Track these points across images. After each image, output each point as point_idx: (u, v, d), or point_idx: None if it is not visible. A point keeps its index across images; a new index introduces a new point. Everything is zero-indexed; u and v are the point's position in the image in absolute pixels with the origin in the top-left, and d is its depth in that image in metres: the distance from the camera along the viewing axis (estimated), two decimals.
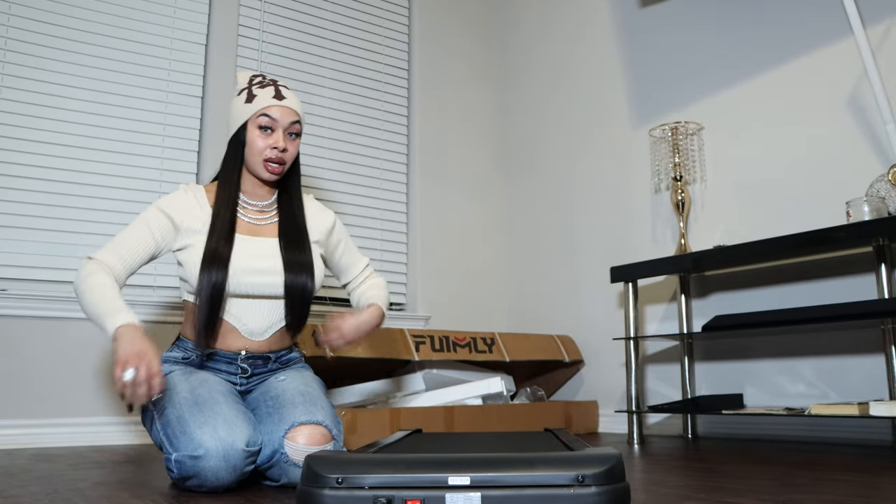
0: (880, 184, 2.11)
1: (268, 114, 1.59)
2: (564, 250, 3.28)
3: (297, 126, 1.63)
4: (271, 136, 1.60)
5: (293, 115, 1.62)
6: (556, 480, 0.93)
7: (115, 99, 2.69)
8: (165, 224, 1.57)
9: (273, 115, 1.59)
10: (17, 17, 2.55)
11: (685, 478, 1.48)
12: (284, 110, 1.61)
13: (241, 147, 1.62)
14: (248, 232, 1.63)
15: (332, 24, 3.26)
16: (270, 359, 1.64)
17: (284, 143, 1.60)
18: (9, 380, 2.37)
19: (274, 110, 1.59)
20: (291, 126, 1.62)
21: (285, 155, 1.61)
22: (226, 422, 1.35)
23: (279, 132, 1.60)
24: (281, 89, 1.63)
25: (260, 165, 1.60)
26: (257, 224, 1.66)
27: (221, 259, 1.53)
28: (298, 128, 1.63)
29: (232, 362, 1.59)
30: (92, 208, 2.60)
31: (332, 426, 1.46)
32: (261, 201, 1.68)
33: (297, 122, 1.62)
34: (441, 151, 3.49)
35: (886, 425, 2.21)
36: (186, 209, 1.60)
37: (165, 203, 1.59)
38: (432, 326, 3.28)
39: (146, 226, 1.56)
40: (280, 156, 1.60)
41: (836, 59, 2.39)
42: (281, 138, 1.60)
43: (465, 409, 2.49)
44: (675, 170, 2.64)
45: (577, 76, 3.32)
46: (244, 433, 1.35)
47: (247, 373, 1.61)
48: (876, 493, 1.24)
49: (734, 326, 2.18)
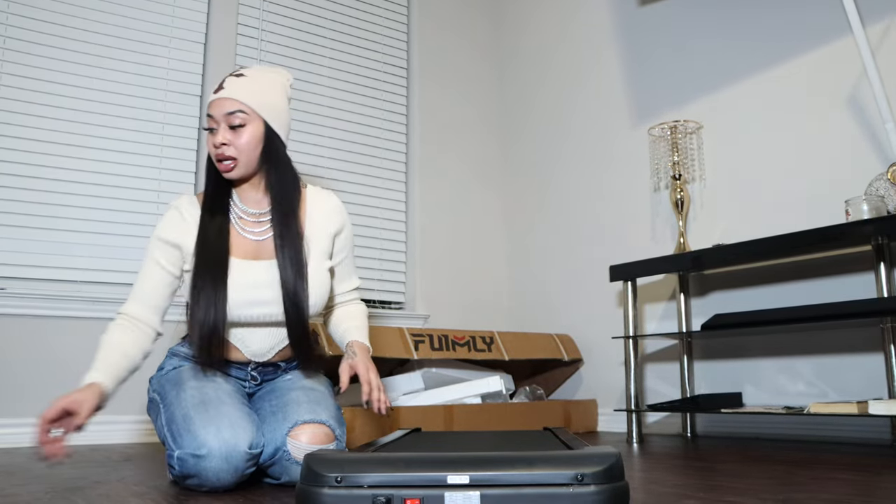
0: (879, 182, 2.11)
1: (208, 112, 1.48)
2: (564, 249, 3.28)
3: (241, 115, 1.45)
4: (216, 135, 1.47)
5: (229, 105, 1.45)
6: (555, 479, 0.93)
7: (114, 98, 2.69)
8: (171, 253, 1.51)
9: (210, 111, 1.47)
10: (16, 17, 2.55)
11: (684, 477, 1.48)
12: (218, 102, 1.46)
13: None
14: (246, 254, 1.52)
15: (330, 23, 3.26)
16: (281, 367, 1.62)
17: (222, 138, 1.45)
18: (8, 379, 2.37)
19: (211, 106, 1.47)
20: (228, 117, 1.45)
21: (227, 150, 1.46)
22: (230, 423, 1.34)
23: (219, 128, 1.46)
24: (228, 80, 1.48)
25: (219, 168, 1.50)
26: (256, 240, 1.54)
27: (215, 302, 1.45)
28: (243, 117, 1.45)
29: (242, 368, 1.58)
30: (91, 207, 2.59)
31: (335, 426, 1.45)
32: (255, 207, 1.56)
33: (235, 111, 1.45)
34: (440, 150, 3.49)
35: (885, 424, 2.21)
36: (183, 231, 1.52)
37: (163, 231, 1.52)
38: (431, 325, 3.28)
39: (155, 262, 1.51)
40: (220, 152, 1.46)
41: (836, 58, 2.39)
42: (220, 134, 1.45)
43: (465, 407, 2.49)
44: (674, 168, 2.64)
45: (577, 75, 3.32)
46: (248, 435, 1.35)
47: (257, 380, 1.60)
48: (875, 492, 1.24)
49: (733, 325, 2.18)
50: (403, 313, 3.20)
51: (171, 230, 1.52)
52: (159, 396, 1.49)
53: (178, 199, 1.56)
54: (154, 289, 1.50)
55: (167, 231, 1.52)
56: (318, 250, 1.58)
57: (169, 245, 1.51)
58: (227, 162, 1.47)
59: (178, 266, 1.53)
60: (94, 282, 2.58)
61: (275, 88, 1.53)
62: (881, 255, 2.13)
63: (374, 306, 3.21)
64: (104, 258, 2.59)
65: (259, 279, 1.50)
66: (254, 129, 1.47)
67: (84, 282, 2.57)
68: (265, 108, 1.48)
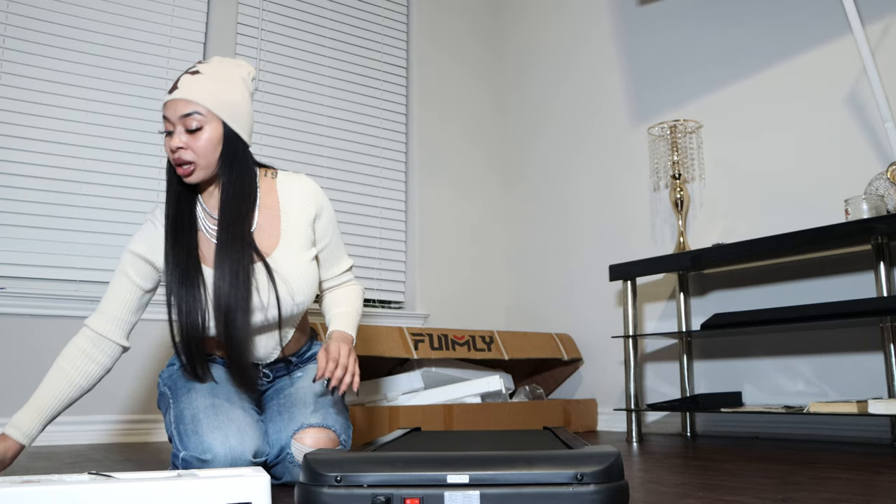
0: (879, 182, 2.11)
1: (163, 114, 1.38)
2: (563, 248, 3.28)
3: (197, 118, 1.35)
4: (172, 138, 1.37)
5: (184, 107, 1.35)
6: (554, 479, 0.93)
7: (114, 98, 2.69)
8: (142, 267, 1.45)
9: (165, 113, 1.37)
10: (15, 16, 2.55)
11: (684, 476, 1.48)
12: (172, 104, 1.36)
13: None
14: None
15: (330, 22, 3.25)
16: (292, 362, 1.61)
17: (178, 142, 1.35)
18: (8, 378, 2.37)
19: (166, 108, 1.37)
20: (184, 120, 1.35)
21: (184, 154, 1.36)
22: (238, 430, 1.34)
23: (176, 130, 1.36)
24: (182, 78, 1.38)
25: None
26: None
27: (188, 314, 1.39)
28: (199, 119, 1.35)
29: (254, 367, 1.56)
30: (91, 206, 2.59)
31: (341, 431, 1.45)
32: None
33: (190, 113, 1.34)
34: (440, 150, 3.49)
35: (885, 423, 2.21)
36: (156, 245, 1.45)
37: (134, 245, 1.45)
38: (431, 324, 3.28)
39: (125, 276, 1.45)
40: (177, 157, 1.36)
41: (835, 57, 2.39)
42: (176, 137, 1.36)
43: (464, 407, 2.49)
44: (673, 168, 2.64)
45: (576, 74, 3.32)
46: (254, 444, 1.35)
47: (269, 377, 1.59)
48: (875, 491, 1.24)
49: (733, 325, 2.18)
50: (403, 313, 3.20)
51: (143, 244, 1.45)
52: (170, 391, 1.48)
53: (154, 212, 1.49)
54: (121, 303, 1.45)
55: (138, 244, 1.45)
56: (298, 241, 1.48)
57: (139, 259, 1.45)
58: (186, 166, 1.37)
59: (149, 279, 1.47)
60: (94, 281, 2.58)
61: (234, 85, 1.41)
62: (881, 255, 2.13)
63: (374, 306, 3.21)
64: (104, 258, 2.59)
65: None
66: (212, 131, 1.37)
67: (84, 281, 2.57)
68: (223, 107, 1.38)
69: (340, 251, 1.60)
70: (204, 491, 0.93)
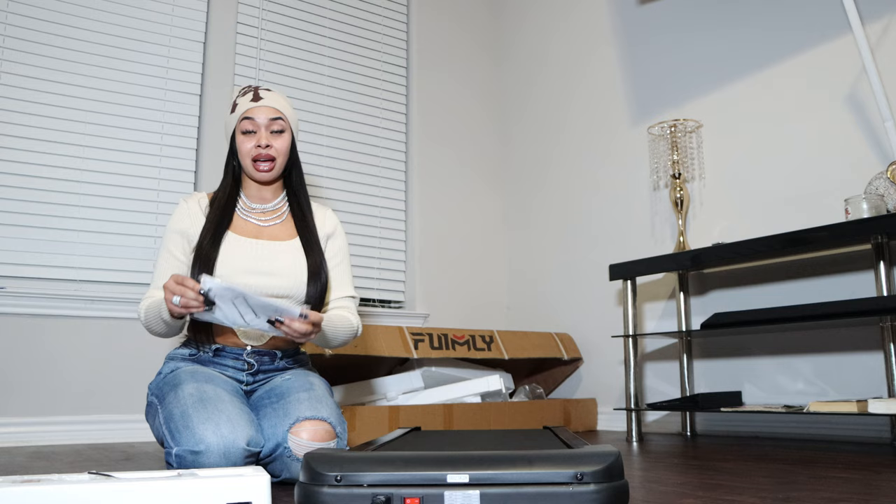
0: (879, 181, 2.11)
1: (247, 116, 1.62)
2: (563, 248, 3.28)
3: (280, 122, 1.64)
4: (255, 137, 1.62)
5: (272, 112, 1.63)
6: (554, 478, 0.93)
7: (114, 97, 2.69)
8: (183, 244, 1.63)
9: (252, 116, 1.62)
10: (15, 16, 2.55)
11: (684, 475, 1.48)
12: (261, 109, 1.63)
13: (235, 156, 1.67)
14: (247, 233, 1.64)
15: (330, 22, 3.25)
16: (277, 356, 1.63)
17: (267, 140, 1.62)
18: (7, 378, 2.37)
19: (252, 112, 1.63)
20: (272, 123, 1.63)
21: (270, 150, 1.62)
22: (229, 420, 1.35)
23: (261, 131, 1.62)
24: (260, 92, 1.66)
25: (251, 168, 1.63)
26: (260, 225, 1.67)
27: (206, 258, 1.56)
28: (282, 124, 1.64)
29: (238, 357, 1.59)
30: (91, 207, 2.59)
31: (336, 423, 1.46)
32: (264, 203, 1.70)
33: (277, 118, 1.63)
34: (440, 150, 3.49)
35: (885, 422, 2.21)
36: (193, 218, 1.64)
37: (175, 223, 1.64)
38: (431, 324, 3.28)
39: (169, 253, 1.62)
40: (264, 152, 1.62)
41: (835, 57, 2.39)
42: (263, 136, 1.62)
43: (464, 406, 2.49)
44: (673, 167, 2.64)
45: (576, 74, 3.32)
46: (246, 432, 1.35)
47: (253, 367, 1.60)
48: (874, 491, 1.24)
49: (733, 324, 2.19)
50: (403, 312, 3.20)
51: (182, 221, 1.64)
52: (157, 399, 1.50)
53: (188, 195, 1.70)
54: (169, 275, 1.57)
55: (178, 222, 1.64)
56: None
57: (180, 235, 1.63)
58: (269, 163, 1.62)
59: (189, 254, 1.62)
60: (94, 281, 2.58)
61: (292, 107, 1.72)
62: (881, 254, 2.14)
63: (374, 305, 3.21)
64: (104, 258, 2.59)
65: (258, 252, 1.61)
66: (288, 136, 1.66)
67: (83, 281, 2.57)
68: (294, 121, 1.70)
69: (346, 277, 1.75)
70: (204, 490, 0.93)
